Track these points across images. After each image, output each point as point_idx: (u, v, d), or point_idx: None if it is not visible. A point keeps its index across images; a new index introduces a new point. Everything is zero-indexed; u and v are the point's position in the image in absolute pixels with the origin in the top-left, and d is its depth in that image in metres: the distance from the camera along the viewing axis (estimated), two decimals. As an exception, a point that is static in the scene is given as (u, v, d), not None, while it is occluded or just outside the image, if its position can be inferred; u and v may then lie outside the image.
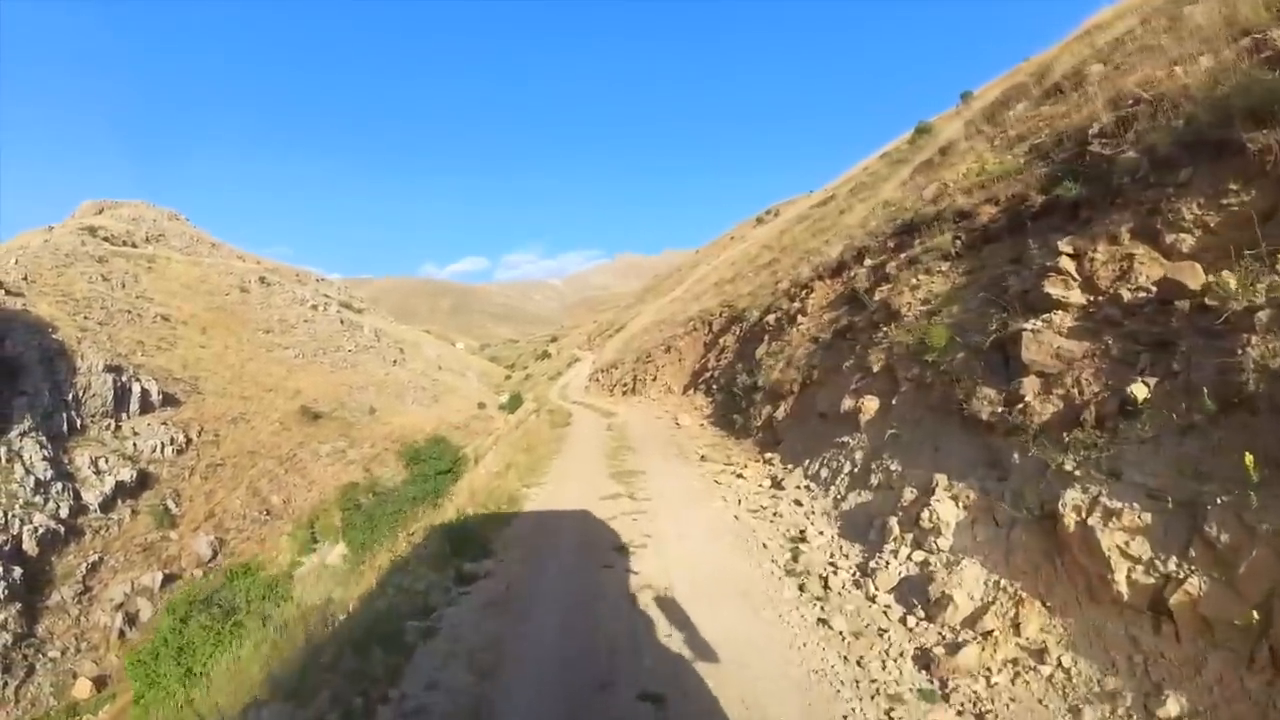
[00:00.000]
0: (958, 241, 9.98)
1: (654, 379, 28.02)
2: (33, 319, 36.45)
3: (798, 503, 8.81)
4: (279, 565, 34.34)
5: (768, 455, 11.60)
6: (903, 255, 11.26)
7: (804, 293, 16.15)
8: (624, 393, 31.33)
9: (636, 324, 55.89)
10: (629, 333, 53.58)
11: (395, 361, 65.45)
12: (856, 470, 8.27)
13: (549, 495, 11.08)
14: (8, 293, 38.90)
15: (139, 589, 29.69)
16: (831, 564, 6.85)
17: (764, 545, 7.59)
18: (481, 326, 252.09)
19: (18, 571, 26.10)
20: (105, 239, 54.51)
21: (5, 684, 23.70)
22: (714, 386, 19.98)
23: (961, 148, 18.30)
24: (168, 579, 30.75)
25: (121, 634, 27.19)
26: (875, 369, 9.21)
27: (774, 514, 8.66)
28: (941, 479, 6.64)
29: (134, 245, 57.26)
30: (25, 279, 42.34)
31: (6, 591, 25.23)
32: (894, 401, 8.34)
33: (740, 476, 10.83)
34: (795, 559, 7.11)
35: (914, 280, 10.12)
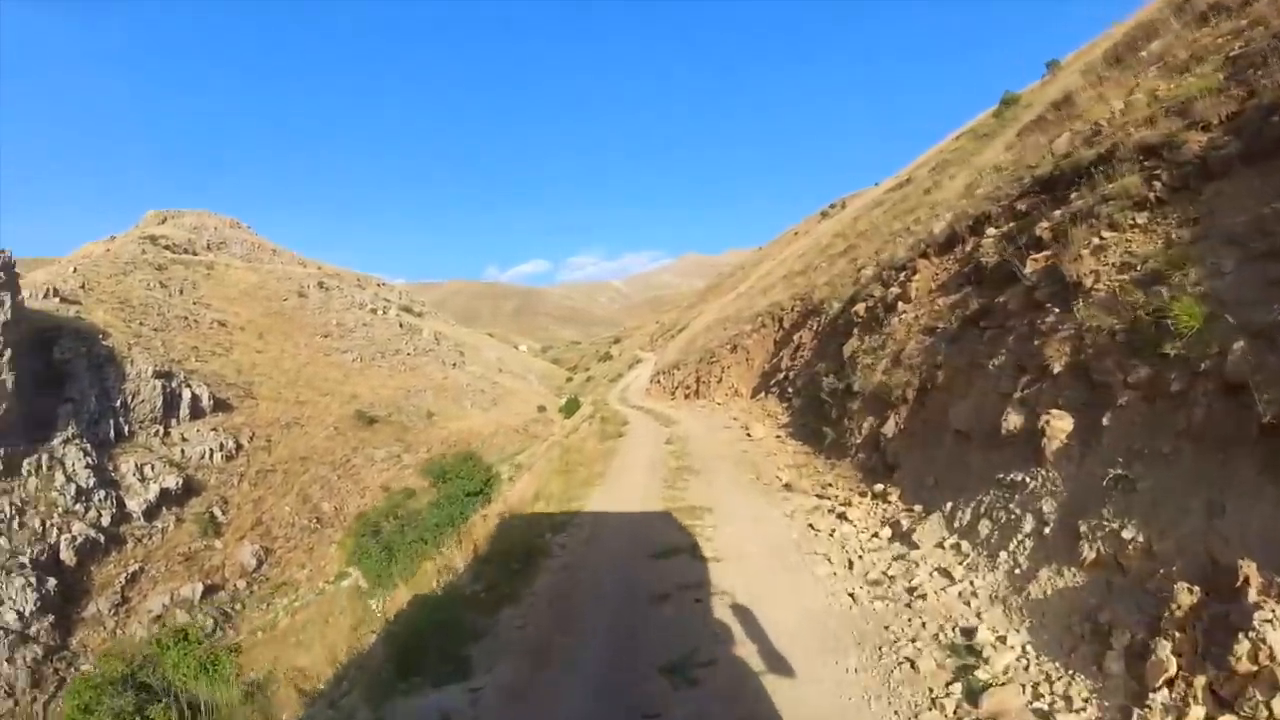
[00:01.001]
0: (1155, 184, 6.94)
1: (719, 380, 25.22)
2: (85, 326, 36.22)
3: (945, 574, 5.70)
4: (325, 575, 33.04)
5: (878, 486, 8.47)
6: (1057, 213, 8.21)
7: (902, 276, 13.22)
8: (686, 396, 28.67)
9: (699, 323, 53.13)
10: (692, 332, 50.84)
11: (454, 365, 64.39)
12: (1048, 531, 5.10)
13: (578, 550, 8.20)
14: (63, 300, 39.03)
15: (178, 600, 28.64)
16: (1045, 718, 3.83)
17: (910, 662, 4.52)
18: (545, 329, 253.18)
19: (52, 582, 25.21)
20: (166, 247, 54.96)
21: (34, 699, 22.78)
22: (790, 390, 16.97)
23: (1087, 95, 15.19)
24: (209, 590, 29.70)
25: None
26: (1056, 369, 6.09)
27: (910, 591, 5.57)
28: (1250, 571, 3.56)
29: (194, 253, 57.63)
30: (83, 287, 42.52)
31: (40, 603, 24.38)
32: (1105, 420, 5.19)
33: (844, 519, 7.73)
34: (973, 700, 4.02)
35: (1094, 240, 7.01)
